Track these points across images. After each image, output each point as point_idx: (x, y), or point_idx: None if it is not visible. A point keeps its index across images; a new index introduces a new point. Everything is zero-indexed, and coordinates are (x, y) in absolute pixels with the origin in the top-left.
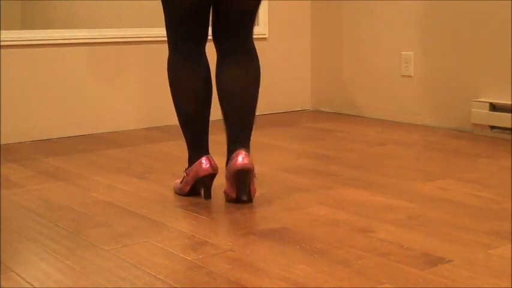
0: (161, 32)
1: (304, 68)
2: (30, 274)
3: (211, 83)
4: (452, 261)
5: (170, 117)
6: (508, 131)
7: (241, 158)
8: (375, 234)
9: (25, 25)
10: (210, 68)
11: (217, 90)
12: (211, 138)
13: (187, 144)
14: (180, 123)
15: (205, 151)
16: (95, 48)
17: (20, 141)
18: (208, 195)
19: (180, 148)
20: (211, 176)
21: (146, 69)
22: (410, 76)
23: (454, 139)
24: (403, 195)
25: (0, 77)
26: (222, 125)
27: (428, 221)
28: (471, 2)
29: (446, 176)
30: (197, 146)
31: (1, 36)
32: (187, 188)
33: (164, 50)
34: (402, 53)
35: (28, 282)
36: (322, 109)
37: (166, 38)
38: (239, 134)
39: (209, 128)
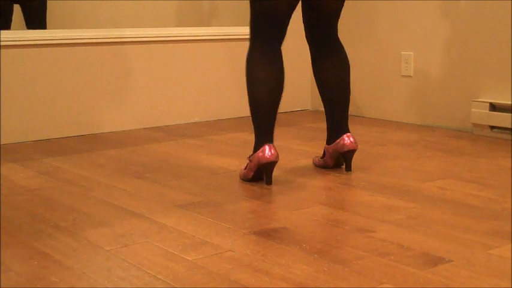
0: (161, 32)
1: (304, 68)
2: (30, 274)
3: (283, 77)
4: (452, 261)
5: (170, 117)
6: (508, 131)
7: (349, 140)
8: (375, 234)
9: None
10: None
11: (320, 82)
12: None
13: (255, 132)
14: (251, 111)
15: (270, 140)
16: (95, 48)
17: (20, 141)
18: (269, 181)
19: (180, 148)
20: (273, 163)
21: (146, 69)
22: (410, 76)
23: (454, 139)
24: (403, 195)
25: (0, 77)
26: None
27: (428, 221)
28: (471, 2)
29: (446, 176)
30: (264, 135)
31: (1, 36)
32: (251, 174)
33: (164, 50)
34: (402, 53)
35: (28, 282)
36: (322, 109)
37: (249, 35)
38: (344, 120)
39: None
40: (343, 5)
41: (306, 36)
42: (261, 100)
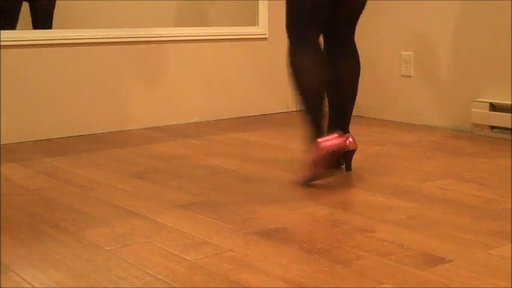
0: (161, 32)
1: None
2: (30, 274)
3: (326, 66)
4: (452, 261)
5: (170, 117)
6: (508, 131)
7: (348, 140)
8: (375, 234)
9: (25, 25)
10: None
11: (332, 80)
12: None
13: (310, 126)
14: (305, 105)
15: (322, 131)
16: (95, 48)
17: (20, 141)
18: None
19: (180, 148)
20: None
21: (146, 69)
22: (410, 76)
23: (454, 139)
24: (403, 195)
25: (0, 77)
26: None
27: (428, 221)
28: (471, 2)
29: (446, 176)
30: (321, 125)
31: (1, 36)
32: (313, 170)
33: (164, 50)
34: (402, 53)
35: (28, 282)
36: None
37: (286, 32)
38: (346, 120)
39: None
40: (366, 3)
41: (323, 34)
42: (312, 89)
